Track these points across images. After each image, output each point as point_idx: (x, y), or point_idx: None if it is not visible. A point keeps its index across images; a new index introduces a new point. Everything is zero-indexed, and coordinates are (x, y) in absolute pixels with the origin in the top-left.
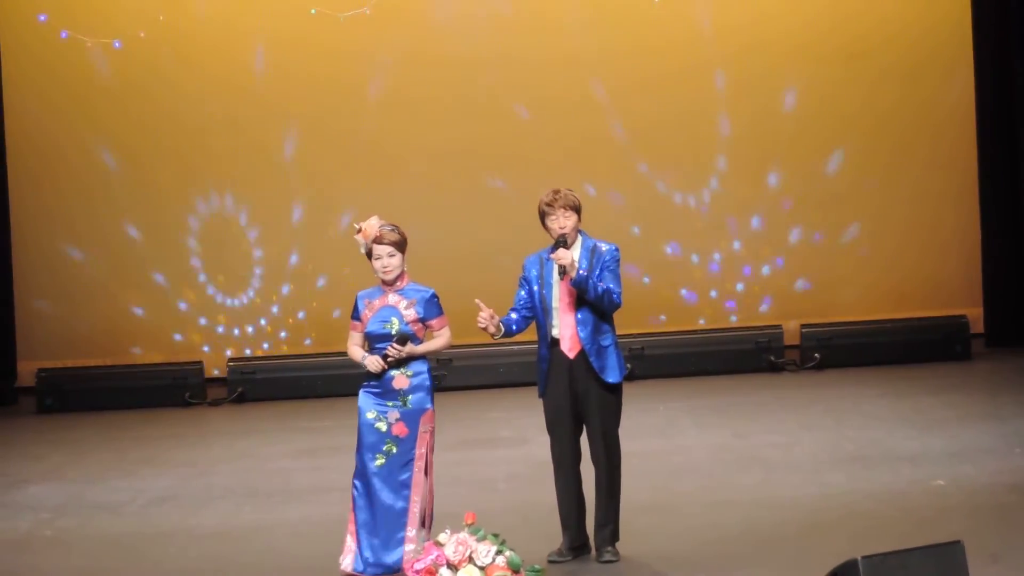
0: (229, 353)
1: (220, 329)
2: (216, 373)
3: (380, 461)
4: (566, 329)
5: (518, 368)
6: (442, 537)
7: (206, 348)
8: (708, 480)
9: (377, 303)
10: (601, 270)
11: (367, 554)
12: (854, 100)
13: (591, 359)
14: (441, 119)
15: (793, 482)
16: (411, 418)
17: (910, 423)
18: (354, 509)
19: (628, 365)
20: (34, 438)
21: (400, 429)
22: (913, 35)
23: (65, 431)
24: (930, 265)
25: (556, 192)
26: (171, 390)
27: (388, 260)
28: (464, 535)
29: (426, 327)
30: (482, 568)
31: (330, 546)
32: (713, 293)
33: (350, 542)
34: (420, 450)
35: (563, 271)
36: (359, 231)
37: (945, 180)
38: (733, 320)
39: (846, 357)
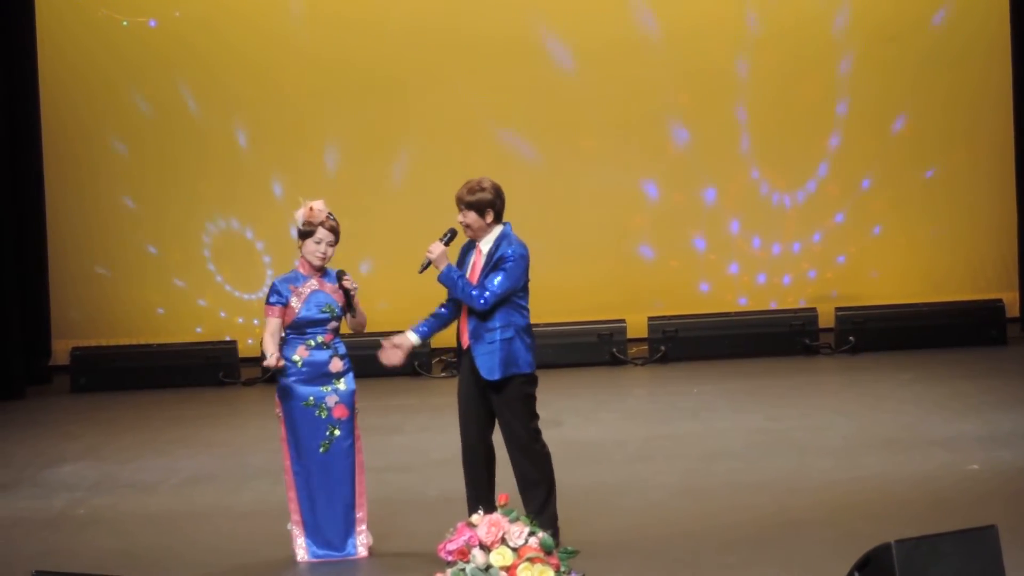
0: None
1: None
2: (249, 343)
3: (324, 447)
4: (463, 319)
5: (551, 349)
6: (475, 518)
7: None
8: (741, 463)
9: (304, 289)
10: (491, 268)
11: (320, 541)
12: (889, 84)
13: (474, 352)
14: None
15: (826, 466)
16: (347, 399)
17: (944, 408)
18: (298, 499)
19: (524, 369)
20: (68, 417)
21: (341, 411)
22: (950, 18)
23: (99, 410)
24: (966, 249)
25: (463, 187)
26: (205, 369)
27: (327, 248)
28: (497, 516)
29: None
30: (515, 549)
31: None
32: (742, 273)
33: (296, 532)
34: (357, 431)
35: (427, 264)
36: (310, 209)
37: (982, 164)
38: (773, 305)
39: (881, 341)
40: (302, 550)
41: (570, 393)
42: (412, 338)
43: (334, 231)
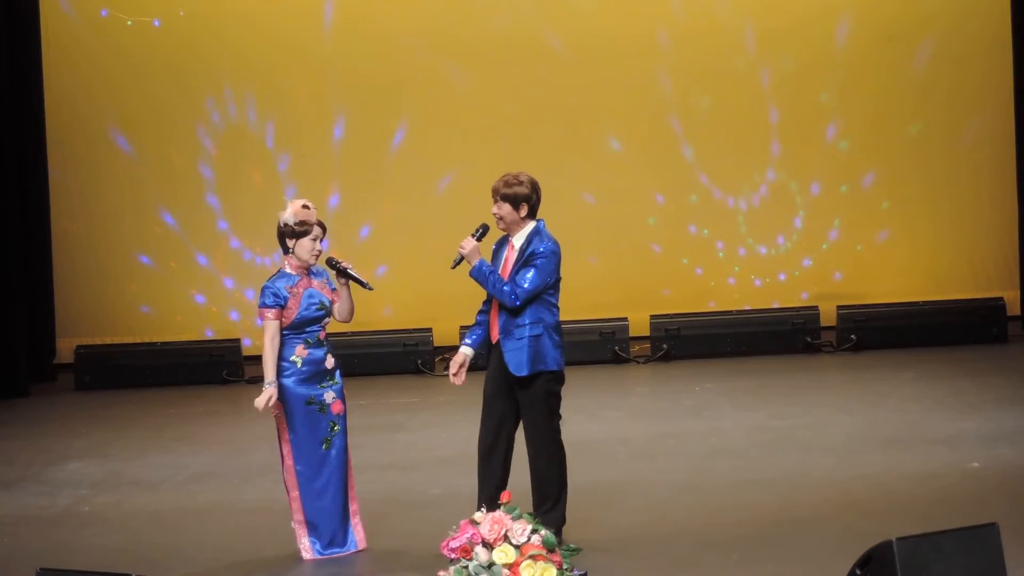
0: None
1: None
2: (248, 345)
3: (327, 444)
4: (495, 313)
5: None
6: (478, 516)
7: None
8: (743, 461)
9: (299, 288)
10: (523, 264)
11: (324, 540)
12: (891, 83)
13: (503, 348)
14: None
15: (828, 464)
16: (340, 394)
17: (946, 406)
18: (301, 499)
19: (551, 366)
20: (72, 415)
21: (338, 407)
22: (951, 15)
23: (103, 408)
24: (967, 247)
25: (500, 179)
26: (209, 367)
27: (319, 245)
28: (500, 514)
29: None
30: (517, 547)
31: (367, 524)
32: (746, 271)
33: (300, 532)
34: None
35: (460, 259)
36: (304, 208)
37: (982, 162)
38: (774, 304)
39: (882, 339)
40: (307, 551)
41: (572, 391)
42: (467, 351)
43: (323, 227)
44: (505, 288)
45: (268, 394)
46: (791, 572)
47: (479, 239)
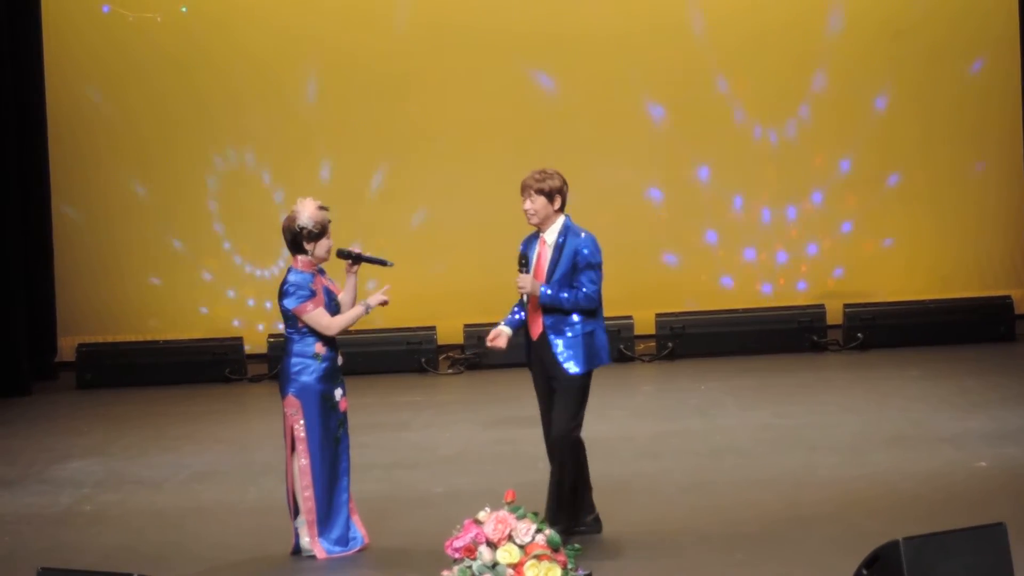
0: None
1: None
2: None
3: (337, 441)
4: (533, 310)
5: None
6: (481, 515)
7: (237, 323)
8: (749, 460)
9: (316, 286)
10: (576, 272)
11: (333, 538)
12: (896, 80)
13: (551, 342)
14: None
15: (834, 462)
16: (345, 393)
17: (952, 404)
18: (315, 498)
19: (605, 360)
20: (74, 413)
21: (344, 405)
22: (957, 11)
23: (105, 407)
24: (974, 246)
25: (531, 175)
26: (211, 366)
27: (331, 241)
28: (504, 513)
29: None
30: (521, 546)
31: (370, 523)
32: (751, 269)
33: (311, 531)
34: None
35: (525, 296)
36: (319, 208)
37: (989, 160)
38: (766, 294)
39: (889, 337)
40: (321, 551)
41: None
42: (505, 329)
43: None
44: (580, 296)
45: (375, 296)
46: (795, 571)
47: (527, 270)
